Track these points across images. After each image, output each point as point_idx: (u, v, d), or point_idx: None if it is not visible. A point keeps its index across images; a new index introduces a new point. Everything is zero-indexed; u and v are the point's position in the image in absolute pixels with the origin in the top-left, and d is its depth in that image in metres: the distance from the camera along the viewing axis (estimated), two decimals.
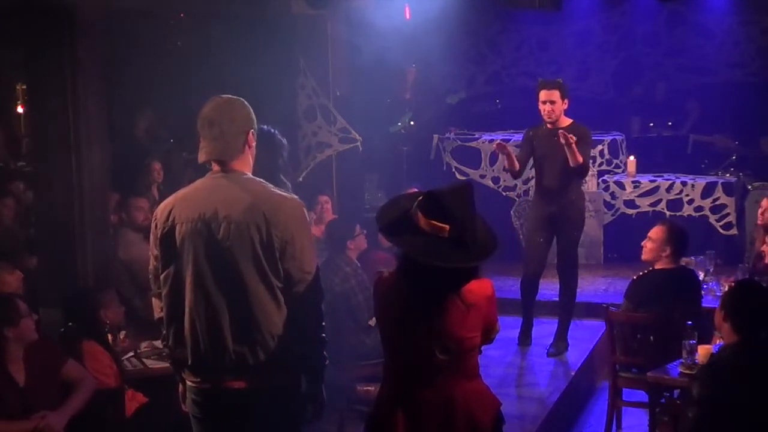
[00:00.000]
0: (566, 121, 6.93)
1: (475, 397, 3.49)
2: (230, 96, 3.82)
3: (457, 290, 3.40)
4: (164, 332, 3.81)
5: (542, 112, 6.90)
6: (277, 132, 5.10)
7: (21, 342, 4.84)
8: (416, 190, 5.78)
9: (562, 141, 6.56)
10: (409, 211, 3.40)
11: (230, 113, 3.75)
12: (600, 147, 9.91)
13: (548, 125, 6.91)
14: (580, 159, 6.67)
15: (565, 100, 6.91)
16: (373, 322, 5.95)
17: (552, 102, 6.85)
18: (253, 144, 3.81)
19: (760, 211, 6.97)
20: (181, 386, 3.88)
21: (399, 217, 3.43)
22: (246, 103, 3.81)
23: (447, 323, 3.39)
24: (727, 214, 9.27)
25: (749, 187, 9.48)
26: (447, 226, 3.32)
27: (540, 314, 7.50)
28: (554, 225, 6.97)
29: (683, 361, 5.23)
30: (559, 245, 7.10)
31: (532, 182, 9.89)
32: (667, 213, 9.26)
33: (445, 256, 3.30)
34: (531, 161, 7.11)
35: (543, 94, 6.88)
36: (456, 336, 3.40)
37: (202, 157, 3.78)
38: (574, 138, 6.58)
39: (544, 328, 7.29)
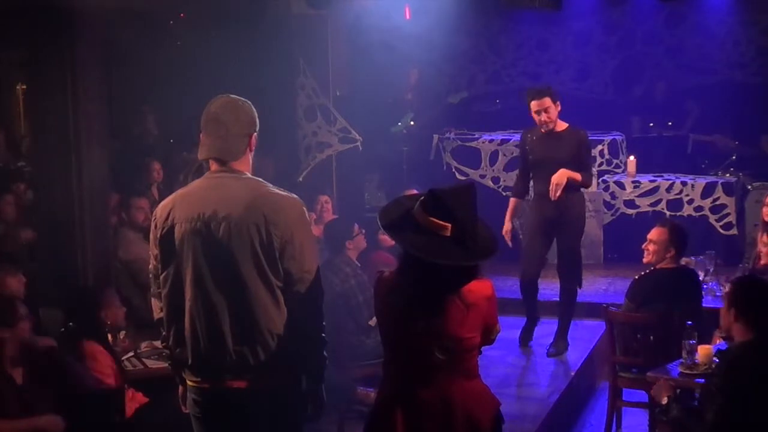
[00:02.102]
0: (562, 126, 6.83)
1: (474, 397, 3.50)
2: (237, 96, 3.83)
3: (457, 290, 3.40)
4: (164, 333, 3.80)
5: (538, 123, 6.76)
6: None
7: (17, 343, 4.85)
8: (415, 191, 5.78)
9: (554, 197, 6.62)
10: (412, 210, 3.41)
11: (237, 113, 3.76)
12: (600, 147, 9.91)
13: (543, 130, 6.81)
14: (579, 177, 6.67)
15: (557, 103, 6.75)
16: (373, 322, 5.94)
17: (546, 110, 6.70)
18: (254, 147, 3.82)
19: (765, 209, 6.97)
20: (181, 388, 3.88)
21: (401, 216, 3.45)
22: (252, 105, 3.82)
23: (446, 323, 3.39)
24: (727, 214, 9.26)
25: (749, 187, 9.47)
26: (448, 225, 3.34)
27: (541, 314, 7.50)
28: (553, 229, 6.90)
29: (683, 361, 5.22)
30: (560, 249, 7.04)
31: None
32: (667, 213, 9.25)
33: (446, 254, 3.32)
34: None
35: (534, 105, 6.72)
36: (455, 336, 3.41)
37: (202, 154, 3.78)
38: (562, 185, 6.59)
39: (544, 328, 7.29)
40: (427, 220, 3.36)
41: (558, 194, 6.62)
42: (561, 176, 6.61)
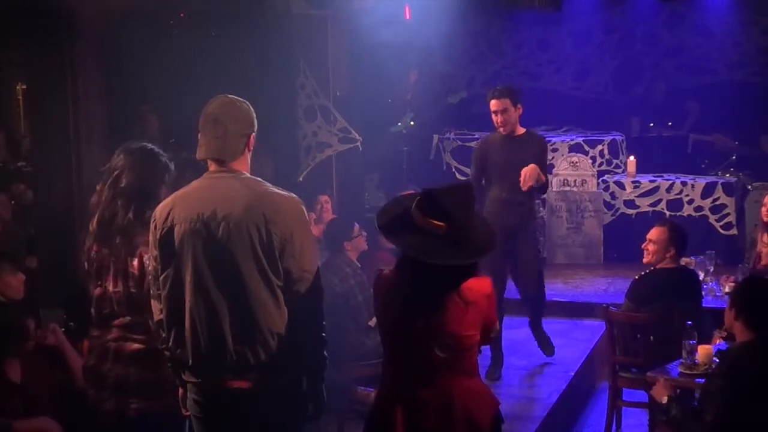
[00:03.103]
0: (521, 130, 6.59)
1: (474, 396, 3.51)
2: (235, 96, 3.83)
3: (456, 287, 3.41)
4: (164, 335, 3.79)
5: (494, 123, 6.52)
6: (162, 153, 4.35)
7: (22, 352, 4.89)
8: (412, 191, 5.76)
9: (525, 187, 6.34)
10: (409, 210, 3.42)
11: (235, 113, 3.76)
12: (600, 147, 9.93)
13: (501, 131, 6.55)
14: (543, 178, 6.44)
15: (518, 107, 6.48)
16: (372, 322, 5.94)
17: (504, 111, 6.43)
18: (252, 147, 3.82)
19: (764, 210, 6.96)
20: (181, 390, 3.87)
21: (399, 216, 3.47)
22: (250, 105, 3.82)
23: (446, 321, 3.40)
24: (727, 214, 9.28)
25: (749, 187, 9.49)
26: (444, 224, 3.35)
27: None
28: (514, 239, 6.55)
29: (683, 361, 5.23)
30: (522, 259, 6.68)
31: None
32: (667, 213, 9.26)
33: (441, 253, 3.34)
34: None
35: (493, 104, 6.45)
36: (455, 333, 3.42)
37: (200, 154, 3.78)
38: (534, 177, 6.33)
39: (545, 328, 7.28)
40: (423, 219, 3.38)
41: (529, 185, 6.33)
42: (533, 169, 6.33)
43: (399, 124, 10.66)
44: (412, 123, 10.71)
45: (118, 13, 7.61)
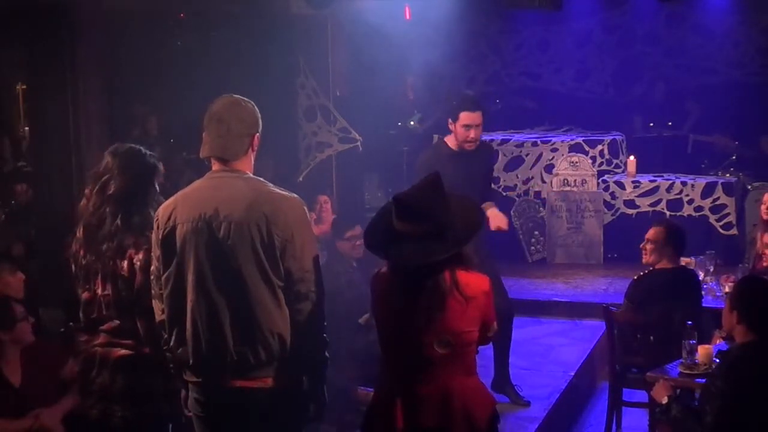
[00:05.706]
0: None
1: (473, 393, 3.54)
2: (240, 96, 3.83)
3: (453, 274, 3.43)
4: (166, 335, 3.79)
5: (462, 137, 5.85)
6: (150, 153, 4.25)
7: (17, 345, 4.86)
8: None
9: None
10: (391, 220, 3.48)
11: (239, 113, 3.76)
12: (600, 147, 9.92)
13: (457, 147, 5.94)
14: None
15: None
16: (364, 320, 5.94)
17: (477, 126, 5.83)
18: (257, 147, 3.82)
19: (763, 208, 6.96)
20: (183, 391, 3.88)
21: (382, 229, 3.53)
22: (255, 106, 3.83)
23: (447, 317, 3.43)
24: (727, 214, 9.28)
25: (749, 187, 9.49)
26: (423, 224, 3.40)
27: (541, 314, 7.50)
28: (485, 258, 5.60)
29: (683, 361, 5.22)
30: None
31: (532, 182, 9.92)
32: (667, 213, 9.26)
33: (427, 253, 3.38)
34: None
35: (467, 117, 5.80)
36: (456, 330, 3.44)
37: (204, 152, 3.79)
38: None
39: (545, 328, 7.30)
40: (403, 226, 3.44)
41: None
42: (503, 219, 5.86)
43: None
44: (417, 124, 10.70)
45: (118, 13, 7.62)
